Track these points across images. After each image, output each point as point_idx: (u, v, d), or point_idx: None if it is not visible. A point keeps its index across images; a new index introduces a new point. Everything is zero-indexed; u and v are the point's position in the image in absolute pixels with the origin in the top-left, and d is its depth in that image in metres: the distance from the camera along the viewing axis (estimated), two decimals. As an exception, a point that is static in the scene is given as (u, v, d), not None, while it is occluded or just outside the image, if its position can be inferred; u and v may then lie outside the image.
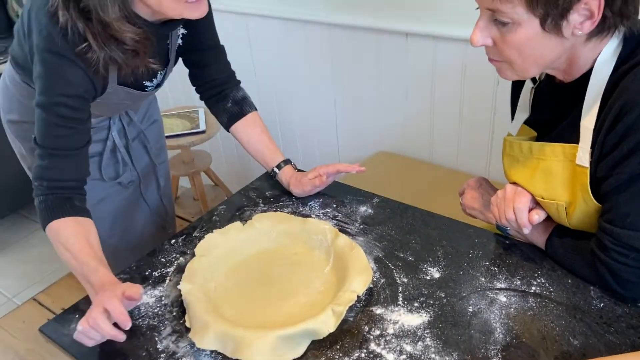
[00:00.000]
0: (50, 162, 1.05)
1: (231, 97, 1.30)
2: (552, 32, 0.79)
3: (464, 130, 1.72)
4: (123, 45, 1.01)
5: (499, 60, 0.87)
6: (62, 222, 1.03)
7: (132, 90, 1.17)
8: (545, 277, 0.97)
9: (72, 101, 1.03)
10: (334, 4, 1.77)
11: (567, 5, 0.75)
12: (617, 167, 0.82)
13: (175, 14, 1.01)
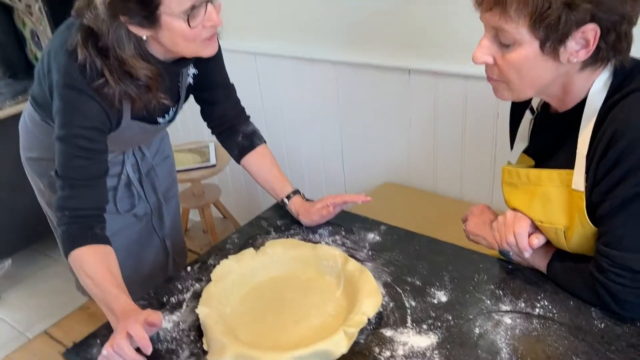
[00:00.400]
0: (71, 192, 1.11)
1: (241, 131, 1.36)
2: (549, 56, 0.86)
3: (466, 161, 1.78)
4: (137, 80, 1.08)
5: (497, 80, 0.93)
6: (84, 250, 1.08)
7: (145, 124, 1.23)
8: (548, 299, 1.01)
9: (89, 133, 1.09)
10: (340, 43, 1.86)
11: (567, 31, 0.82)
12: (611, 192, 0.87)
13: (189, 52, 1.09)
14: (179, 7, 1.00)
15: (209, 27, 1.05)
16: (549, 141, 1.01)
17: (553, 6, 0.81)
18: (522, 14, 0.83)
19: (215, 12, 1.05)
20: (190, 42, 1.06)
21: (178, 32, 1.04)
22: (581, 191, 0.92)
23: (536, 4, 0.81)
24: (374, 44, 1.78)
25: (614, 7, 0.81)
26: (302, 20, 1.92)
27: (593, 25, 0.82)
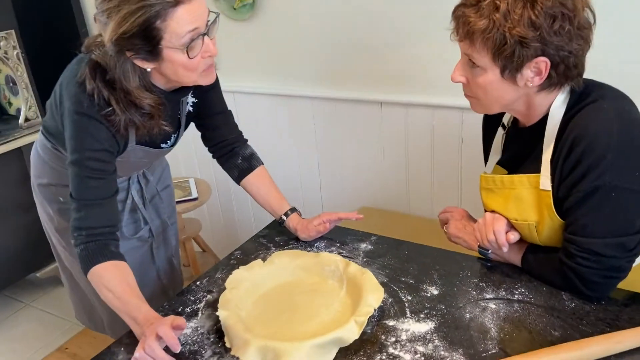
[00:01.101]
0: (86, 213, 1.19)
1: (240, 154, 1.48)
2: (509, 80, 1.04)
3: (436, 183, 1.95)
4: (141, 109, 1.18)
5: (471, 96, 1.12)
6: (103, 266, 1.16)
7: (148, 148, 1.32)
8: (524, 287, 1.16)
9: (100, 155, 1.19)
10: (315, 80, 2.03)
11: (521, 62, 1.01)
12: (574, 187, 1.04)
13: (190, 82, 1.18)
14: (179, 41, 1.08)
15: (207, 58, 1.15)
16: (518, 151, 1.19)
17: (509, 43, 0.99)
18: (485, 46, 1.02)
19: (212, 43, 1.15)
20: (190, 72, 1.15)
21: (179, 64, 1.12)
22: (548, 190, 1.09)
23: (495, 39, 1.00)
24: (348, 79, 1.96)
25: (561, 46, 1.00)
26: (280, 60, 2.09)
27: (544, 58, 1.01)
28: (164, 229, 1.61)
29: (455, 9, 1.06)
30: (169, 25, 1.07)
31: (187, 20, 1.07)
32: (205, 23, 1.11)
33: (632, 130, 1.03)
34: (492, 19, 0.98)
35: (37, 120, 2.48)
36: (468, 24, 1.01)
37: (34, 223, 2.53)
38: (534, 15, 0.97)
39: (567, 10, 0.98)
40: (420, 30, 1.76)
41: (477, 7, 1.00)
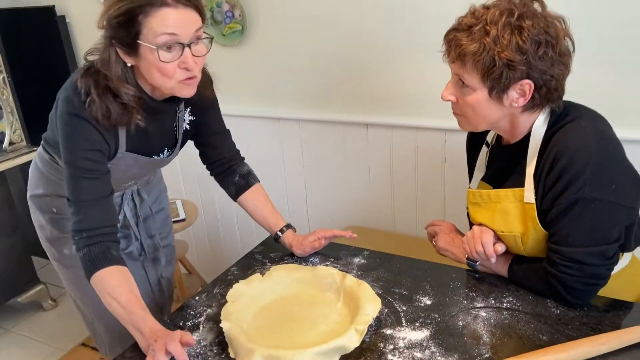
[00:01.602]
0: (84, 214, 1.21)
1: (238, 171, 1.51)
2: (495, 100, 1.13)
3: (420, 202, 2.02)
4: (119, 99, 1.18)
5: (459, 114, 1.20)
6: (106, 271, 1.18)
7: (138, 156, 1.32)
8: (512, 296, 1.22)
9: (92, 155, 1.20)
10: (303, 103, 2.10)
11: (507, 84, 1.09)
12: (557, 200, 1.12)
13: (166, 88, 1.18)
14: (154, 40, 1.11)
15: (183, 70, 1.15)
16: (502, 167, 1.26)
17: (497, 65, 1.08)
18: (475, 68, 1.10)
19: (192, 58, 1.15)
20: (165, 78, 1.15)
21: (152, 64, 1.14)
22: (532, 203, 1.16)
23: (485, 62, 1.08)
24: (335, 102, 2.03)
25: (544, 70, 1.09)
26: (268, 83, 2.15)
27: (528, 80, 1.10)
28: (155, 249, 1.62)
29: (447, 33, 1.14)
30: (149, 22, 1.10)
31: (166, 23, 1.10)
32: (189, 35, 1.13)
33: (608, 146, 1.11)
34: (483, 43, 1.07)
35: (22, 144, 2.48)
36: (460, 47, 1.10)
37: (17, 247, 2.54)
38: (521, 41, 1.06)
39: (551, 37, 1.07)
40: (404, 55, 1.85)
41: (469, 32, 1.09)
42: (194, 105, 1.41)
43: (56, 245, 1.50)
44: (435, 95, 1.85)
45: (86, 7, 2.44)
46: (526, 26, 1.07)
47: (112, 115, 1.19)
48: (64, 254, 1.49)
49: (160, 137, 1.36)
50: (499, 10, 1.09)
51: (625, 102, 1.58)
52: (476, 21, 1.10)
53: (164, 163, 1.46)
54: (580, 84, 1.28)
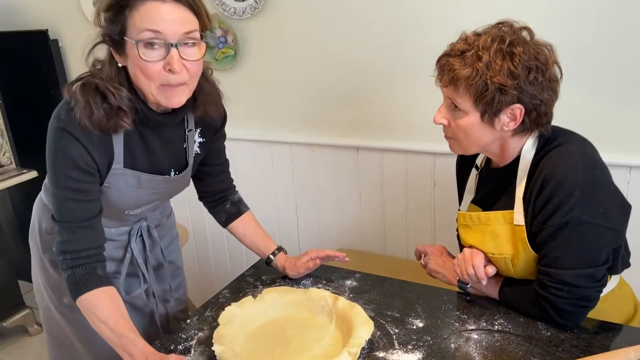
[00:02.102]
0: (69, 235, 1.17)
1: (229, 199, 1.51)
2: (487, 124, 1.15)
3: (410, 224, 2.04)
4: (107, 101, 1.11)
5: (451, 137, 1.22)
6: (93, 294, 1.15)
7: (139, 173, 1.23)
8: (503, 318, 1.23)
9: (76, 174, 1.13)
10: (294, 126, 2.12)
11: (499, 108, 1.12)
12: (546, 222, 1.14)
13: (149, 92, 1.11)
14: (136, 35, 1.05)
15: (167, 72, 1.08)
16: (491, 190, 1.29)
17: (489, 89, 1.11)
18: (468, 92, 1.13)
19: (179, 60, 1.07)
20: (147, 80, 1.08)
21: (135, 63, 1.07)
22: (522, 225, 1.18)
23: (477, 86, 1.11)
24: (326, 126, 2.06)
25: (534, 95, 1.12)
26: (260, 107, 2.17)
27: (519, 105, 1.13)
28: (165, 299, 1.54)
29: (440, 58, 1.17)
30: (133, 17, 1.05)
31: (151, 18, 1.04)
32: (177, 34, 1.06)
33: (594, 170, 1.14)
34: (476, 67, 1.10)
35: (11, 167, 2.47)
36: (453, 71, 1.13)
37: (3, 270, 2.51)
38: (512, 66, 1.09)
39: (540, 63, 1.11)
40: (394, 80, 1.88)
41: (462, 57, 1.12)
42: (204, 126, 1.34)
43: (57, 292, 1.41)
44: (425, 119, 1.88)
45: (79, 32, 2.46)
46: (517, 52, 1.10)
47: (94, 116, 1.10)
48: (63, 302, 1.41)
49: (167, 156, 1.28)
50: (490, 37, 1.12)
51: (611, 127, 1.62)
52: (468, 47, 1.13)
53: (173, 188, 1.36)
54: (567, 110, 1.32)
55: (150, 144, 1.24)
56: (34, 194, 1.46)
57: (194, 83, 1.15)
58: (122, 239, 1.40)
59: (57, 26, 2.52)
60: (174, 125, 1.27)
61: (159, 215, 1.49)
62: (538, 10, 1.60)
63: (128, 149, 1.21)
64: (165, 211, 1.53)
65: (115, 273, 1.39)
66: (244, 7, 2.02)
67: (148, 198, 1.32)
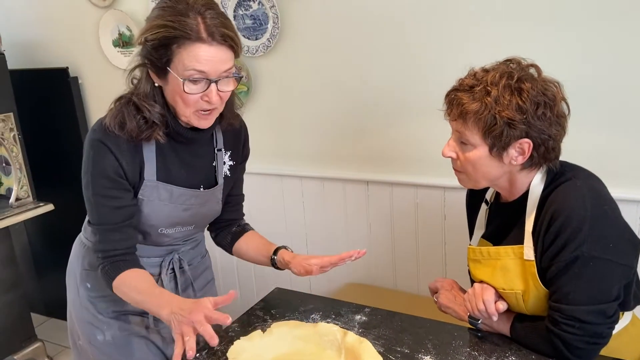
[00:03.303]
0: (101, 237, 1.28)
1: (236, 224, 1.54)
2: (495, 157, 1.17)
3: (421, 259, 2.03)
4: (142, 114, 1.21)
5: (459, 171, 1.23)
6: (122, 275, 1.26)
7: (172, 186, 1.30)
8: (515, 355, 1.21)
9: (105, 181, 1.24)
10: (305, 160, 2.15)
11: (507, 142, 1.14)
12: (556, 258, 1.13)
13: (183, 115, 1.21)
14: (183, 72, 1.14)
15: (205, 102, 1.18)
16: (501, 225, 1.29)
17: (498, 124, 1.13)
18: (476, 126, 1.15)
19: (216, 94, 1.17)
20: (185, 106, 1.19)
21: (177, 91, 1.17)
22: (532, 260, 1.18)
23: (486, 120, 1.13)
24: (336, 160, 2.08)
25: (542, 130, 1.14)
26: (271, 142, 2.21)
27: (527, 139, 1.14)
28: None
29: (448, 93, 1.20)
30: (181, 54, 1.13)
31: (198, 60, 1.13)
32: (218, 73, 1.16)
33: (603, 205, 1.14)
34: (485, 102, 1.12)
35: (28, 200, 2.51)
36: (461, 106, 1.15)
37: (17, 303, 2.52)
38: (521, 101, 1.11)
39: (548, 99, 1.13)
40: (404, 115, 1.91)
41: (471, 92, 1.15)
42: (233, 149, 1.42)
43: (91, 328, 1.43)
44: (434, 154, 1.90)
45: (98, 70, 2.54)
46: (525, 88, 1.13)
47: (126, 126, 1.20)
48: (97, 340, 1.43)
49: (197, 171, 1.36)
50: (498, 73, 1.15)
51: (621, 163, 1.63)
52: (477, 82, 1.16)
53: (203, 207, 1.38)
54: (577, 146, 1.33)
55: (182, 158, 1.32)
56: (49, 227, 1.51)
57: (222, 108, 1.27)
58: (153, 271, 1.42)
59: (77, 64, 2.60)
60: (204, 142, 1.36)
61: (191, 250, 1.51)
62: (545, 48, 1.62)
63: (162, 162, 1.29)
64: (199, 249, 1.56)
65: (143, 312, 1.42)
66: (257, 45, 2.08)
67: (180, 215, 1.36)
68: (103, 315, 1.41)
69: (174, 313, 1.14)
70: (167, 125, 1.25)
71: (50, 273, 2.93)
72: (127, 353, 1.42)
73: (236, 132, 1.43)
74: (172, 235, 1.40)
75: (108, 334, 1.41)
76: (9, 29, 2.66)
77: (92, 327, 1.42)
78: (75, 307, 1.46)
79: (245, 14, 2.08)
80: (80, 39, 2.54)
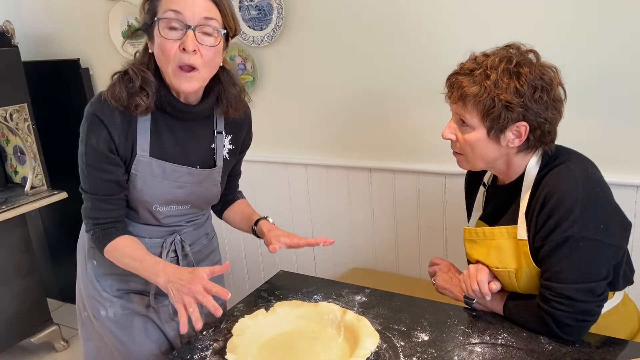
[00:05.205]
0: (92, 205, 1.32)
1: (230, 194, 1.59)
2: (493, 140, 1.21)
3: (423, 244, 2.08)
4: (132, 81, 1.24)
5: (459, 153, 1.28)
6: (114, 242, 1.32)
7: (164, 162, 1.32)
8: (506, 332, 1.26)
9: (97, 154, 1.26)
10: (309, 148, 2.20)
11: (505, 124, 1.18)
12: (547, 238, 1.18)
13: (166, 73, 1.23)
14: (161, 14, 1.18)
15: (182, 52, 1.18)
16: (497, 207, 1.33)
17: (496, 106, 1.17)
18: (475, 108, 1.19)
19: (193, 41, 1.17)
20: (166, 59, 1.19)
21: (158, 44, 1.20)
22: (525, 239, 1.23)
23: (485, 103, 1.18)
24: (340, 148, 2.13)
25: (539, 113, 1.18)
26: (277, 130, 2.26)
27: (524, 122, 1.18)
28: None
29: (450, 77, 1.25)
30: (163, 1, 1.19)
31: (173, 1, 1.17)
32: (195, 18, 1.17)
33: (594, 188, 1.19)
34: (484, 85, 1.17)
35: (43, 188, 2.60)
36: (462, 88, 1.19)
37: (33, 288, 2.61)
38: (519, 84, 1.15)
39: (546, 83, 1.17)
40: (406, 104, 1.95)
41: (471, 76, 1.19)
42: (234, 134, 1.45)
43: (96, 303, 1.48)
44: (435, 142, 1.95)
45: (108, 61, 2.61)
46: (524, 72, 1.17)
47: (116, 93, 1.23)
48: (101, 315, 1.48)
49: (194, 150, 1.37)
50: (498, 57, 1.19)
51: (618, 148, 1.66)
52: (477, 66, 1.20)
53: (199, 186, 1.39)
54: (574, 131, 1.37)
55: (178, 137, 1.34)
56: (64, 214, 1.56)
57: (207, 72, 1.24)
58: (155, 252, 1.42)
59: (88, 55, 2.67)
60: (202, 121, 1.38)
61: (194, 232, 1.51)
62: (544, 34, 1.66)
63: (156, 138, 1.31)
64: (203, 230, 1.55)
65: (144, 290, 1.47)
66: (262, 35, 2.13)
67: (174, 192, 1.37)
68: (107, 292, 1.46)
69: (171, 282, 1.20)
70: (159, 95, 1.26)
71: (64, 259, 3.02)
72: (127, 330, 1.47)
73: (238, 119, 1.45)
74: (167, 214, 1.40)
75: (110, 310, 1.46)
76: (22, 22, 2.73)
77: (96, 302, 1.47)
78: (83, 281, 1.51)
79: (250, 5, 2.13)
80: (90, 31, 2.61)
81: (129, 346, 1.47)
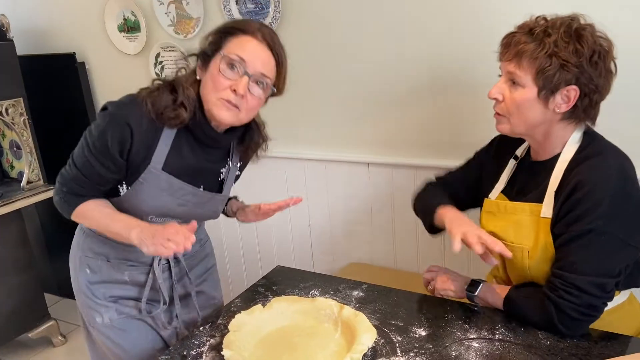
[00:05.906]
0: (74, 177, 1.32)
1: None
2: (542, 101, 1.20)
3: (420, 239, 2.07)
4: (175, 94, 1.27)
5: (501, 115, 1.26)
6: (82, 205, 1.33)
7: (173, 178, 1.32)
8: (504, 328, 1.26)
9: (104, 149, 1.26)
10: (307, 144, 2.19)
11: (557, 85, 1.17)
12: (570, 227, 1.18)
13: (208, 101, 1.26)
14: (227, 51, 1.24)
15: (232, 91, 1.23)
16: (525, 183, 1.32)
17: (553, 64, 1.16)
18: (530, 65, 1.18)
19: (244, 87, 1.23)
20: (214, 89, 1.25)
21: (212, 74, 1.25)
22: (548, 217, 1.22)
23: (541, 60, 1.17)
24: (337, 143, 2.12)
25: (591, 77, 1.17)
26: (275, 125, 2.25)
27: (575, 87, 1.17)
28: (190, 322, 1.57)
29: (506, 36, 1.24)
30: (231, 42, 1.25)
31: (244, 48, 1.23)
32: (256, 69, 1.24)
33: (626, 186, 1.18)
34: (544, 42, 1.16)
35: (39, 183, 2.59)
36: (519, 45, 1.19)
37: (30, 283, 2.61)
38: (579, 45, 1.15)
39: (603, 50, 1.17)
40: (403, 100, 1.94)
41: (530, 33, 1.19)
42: (244, 162, 1.53)
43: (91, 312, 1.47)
44: (433, 137, 1.94)
45: (104, 55, 2.59)
46: (585, 35, 1.16)
47: (156, 102, 1.25)
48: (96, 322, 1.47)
49: (205, 174, 1.40)
50: (559, 20, 1.19)
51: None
52: (537, 26, 1.19)
53: (199, 206, 1.41)
54: (614, 124, 1.35)
55: (195, 156, 1.36)
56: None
57: (245, 115, 1.30)
58: (146, 260, 1.45)
59: (83, 49, 2.65)
60: (221, 150, 1.42)
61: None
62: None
63: (175, 153, 1.32)
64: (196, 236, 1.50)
65: (137, 298, 1.47)
66: (259, 29, 2.11)
67: (174, 209, 1.38)
68: (100, 299, 1.45)
69: (143, 232, 1.22)
70: (194, 116, 1.29)
71: (62, 254, 2.95)
72: (124, 334, 1.46)
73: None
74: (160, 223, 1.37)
75: (106, 316, 1.45)
76: (17, 16, 2.71)
77: (91, 310, 1.46)
78: (76, 291, 1.50)
79: (247, -1, 2.11)
80: (86, 25, 2.59)
81: (128, 350, 1.46)
